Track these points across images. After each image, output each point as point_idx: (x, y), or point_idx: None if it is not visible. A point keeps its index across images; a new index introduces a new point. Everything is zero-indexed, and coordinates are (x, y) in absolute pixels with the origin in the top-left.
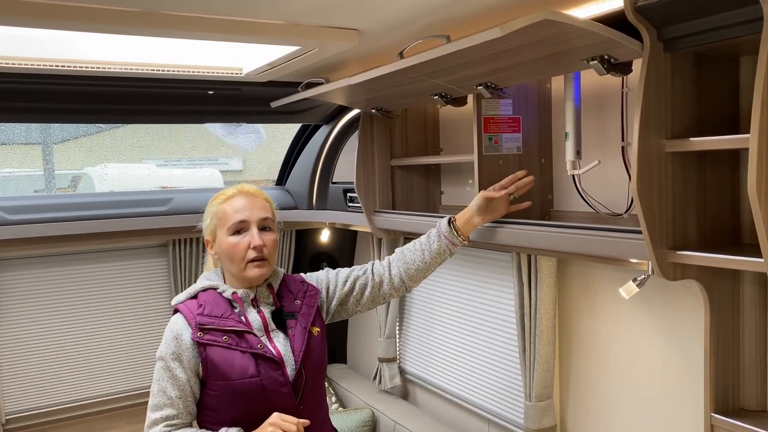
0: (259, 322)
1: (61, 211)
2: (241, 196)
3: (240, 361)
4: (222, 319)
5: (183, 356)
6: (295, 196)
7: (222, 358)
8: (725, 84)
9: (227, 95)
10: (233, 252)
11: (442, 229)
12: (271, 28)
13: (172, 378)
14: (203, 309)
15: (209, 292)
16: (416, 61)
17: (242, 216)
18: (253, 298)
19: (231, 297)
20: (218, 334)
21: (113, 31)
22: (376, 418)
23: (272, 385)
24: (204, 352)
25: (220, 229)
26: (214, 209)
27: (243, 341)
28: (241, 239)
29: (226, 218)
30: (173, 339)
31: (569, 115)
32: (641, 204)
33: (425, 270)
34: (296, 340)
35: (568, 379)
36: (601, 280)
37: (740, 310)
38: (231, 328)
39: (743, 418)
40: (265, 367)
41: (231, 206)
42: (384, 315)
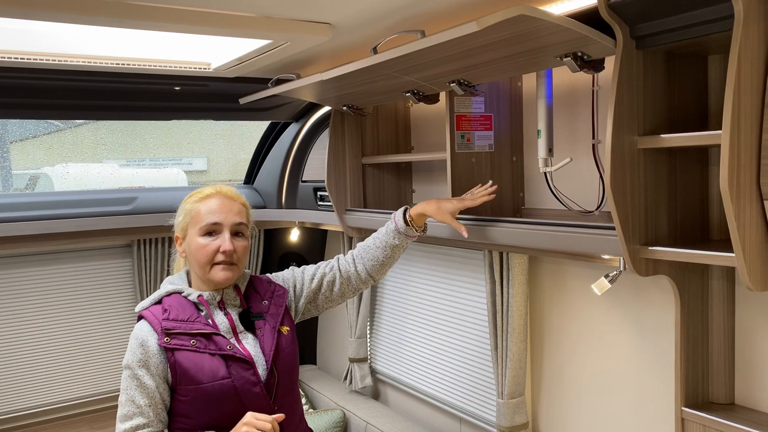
0: (227, 325)
1: (19, 210)
2: (218, 198)
3: (210, 363)
4: (188, 323)
5: (150, 363)
6: (263, 195)
7: (191, 362)
8: (694, 82)
9: (194, 91)
10: (201, 253)
11: (398, 226)
12: (241, 21)
13: (140, 386)
14: (168, 313)
15: (174, 296)
16: (390, 56)
17: (216, 218)
18: (219, 300)
19: (197, 300)
20: (185, 338)
21: (73, 20)
22: (347, 419)
23: (244, 386)
24: (172, 357)
25: (191, 228)
26: (188, 207)
27: (211, 343)
28: (211, 241)
29: (199, 218)
30: (139, 346)
31: (541, 112)
32: (614, 200)
33: (389, 263)
34: (266, 340)
35: (540, 375)
36: (572, 277)
37: (709, 306)
38: (198, 330)
39: (712, 412)
40: (236, 368)
41: (206, 206)
42: (355, 315)
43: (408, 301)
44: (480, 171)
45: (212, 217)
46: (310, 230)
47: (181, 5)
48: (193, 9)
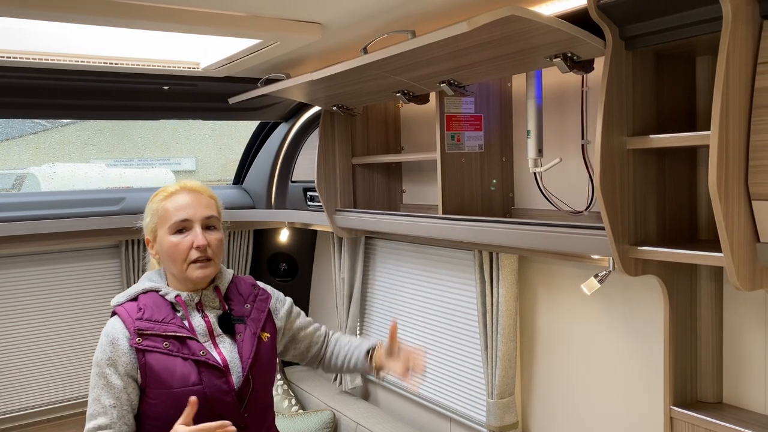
0: (204, 327)
1: (5, 211)
2: (185, 193)
3: (181, 368)
4: (163, 324)
5: (119, 362)
6: (252, 195)
7: (162, 365)
8: (683, 83)
9: (183, 91)
10: (174, 252)
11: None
12: (230, 20)
13: (107, 385)
14: (143, 313)
15: (150, 294)
16: (381, 57)
17: (185, 214)
18: (197, 302)
19: (174, 300)
20: (158, 340)
21: (61, 19)
22: (337, 420)
23: (215, 394)
24: (143, 358)
25: (161, 228)
26: (154, 206)
27: (185, 347)
28: (182, 239)
29: (167, 216)
30: (109, 344)
31: (531, 113)
32: (604, 200)
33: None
34: (245, 346)
35: (530, 375)
36: (561, 277)
37: (697, 305)
38: (172, 333)
39: (701, 410)
40: (208, 375)
41: (173, 204)
42: (345, 314)
43: (398, 301)
44: (470, 171)
45: (180, 213)
46: (299, 231)
47: (170, 4)
48: (182, 8)
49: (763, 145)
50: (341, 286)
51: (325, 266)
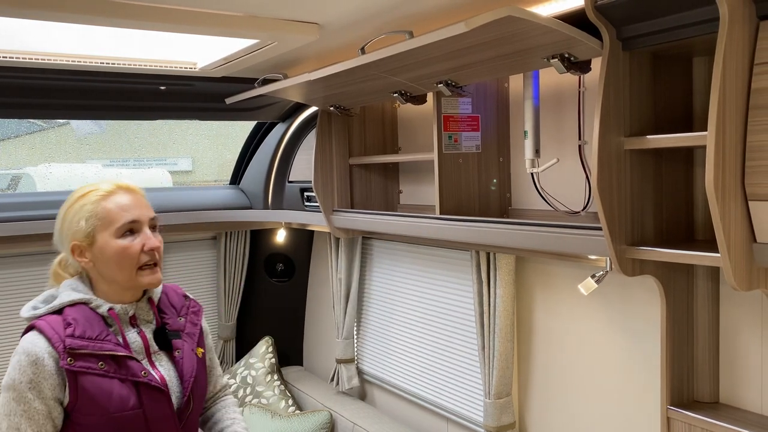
0: (140, 344)
1: (1, 211)
2: (123, 192)
3: (119, 390)
4: (98, 342)
5: (44, 385)
6: (249, 195)
7: (98, 388)
8: (679, 84)
9: (179, 91)
10: (123, 257)
11: None
12: (228, 20)
13: (27, 412)
14: (74, 329)
15: (79, 307)
16: (378, 57)
17: (133, 215)
18: (131, 316)
19: (106, 313)
20: (93, 360)
21: (57, 18)
22: (334, 420)
23: (156, 416)
24: (75, 381)
25: (102, 231)
26: (90, 207)
27: (122, 368)
28: (132, 242)
29: (111, 218)
30: (31, 365)
31: (528, 113)
32: (601, 200)
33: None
34: (185, 364)
35: (527, 375)
36: (558, 277)
37: (694, 305)
38: (109, 352)
39: (697, 410)
40: (149, 397)
41: (115, 204)
42: (342, 315)
43: (395, 301)
44: (467, 172)
45: (128, 214)
46: (296, 231)
47: (167, 4)
48: (179, 8)
49: (760, 146)
50: (338, 286)
51: (322, 267)
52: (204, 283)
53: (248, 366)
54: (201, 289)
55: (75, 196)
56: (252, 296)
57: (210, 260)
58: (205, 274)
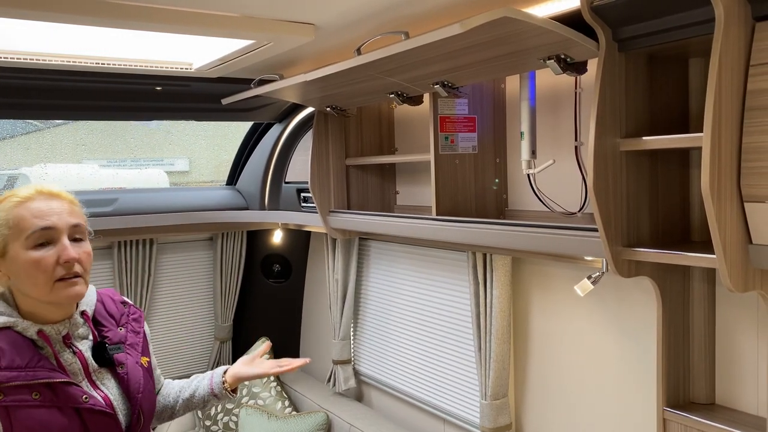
0: (78, 366)
1: None
2: (42, 198)
3: (60, 420)
4: (29, 370)
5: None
6: (246, 196)
7: (35, 421)
8: (675, 85)
9: (176, 91)
10: (35, 270)
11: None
12: (224, 21)
13: None
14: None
15: (4, 332)
16: (374, 58)
17: (47, 222)
18: (65, 335)
19: (35, 336)
20: (25, 391)
21: (53, 19)
22: (331, 421)
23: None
24: (7, 417)
25: (14, 241)
26: (3, 216)
27: (60, 395)
28: (45, 253)
29: (23, 226)
30: None
31: (525, 114)
32: (597, 202)
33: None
34: (131, 379)
35: (524, 376)
36: (555, 278)
37: (690, 306)
38: (44, 380)
39: (693, 412)
40: (94, 423)
41: (29, 211)
42: (338, 316)
43: (392, 302)
44: (464, 173)
45: (41, 221)
46: (293, 232)
47: (162, 5)
48: (174, 8)
49: (756, 147)
50: (335, 287)
51: (319, 268)
52: (200, 284)
53: None
54: (197, 290)
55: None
56: (248, 297)
57: (206, 261)
58: (202, 275)
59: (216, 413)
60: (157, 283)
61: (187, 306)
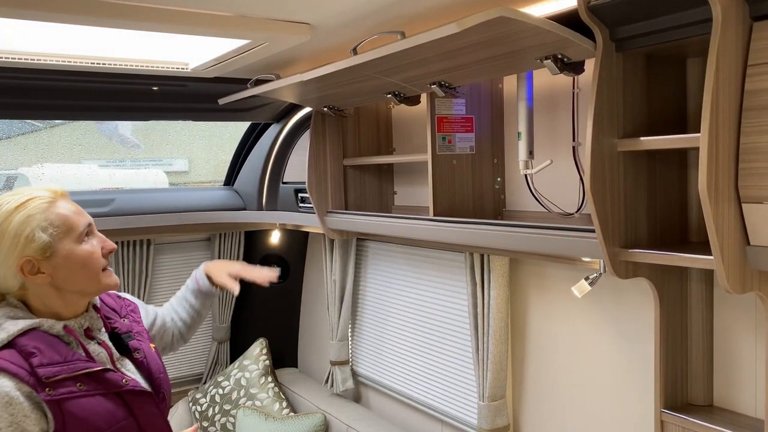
0: (105, 355)
1: None
2: (63, 198)
3: (107, 406)
4: (69, 364)
5: (26, 424)
6: (244, 196)
7: (86, 410)
8: (673, 85)
9: (172, 91)
10: (90, 262)
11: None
12: (219, 21)
13: None
14: (40, 358)
15: (33, 333)
16: (370, 57)
17: (87, 219)
18: (86, 328)
19: (63, 332)
20: (70, 383)
21: (48, 18)
22: (328, 422)
23: (149, 421)
24: (59, 410)
25: (63, 240)
26: (42, 217)
27: (101, 382)
28: (94, 246)
29: (70, 224)
30: (4, 407)
31: (522, 114)
32: (594, 203)
33: (199, 321)
34: (150, 362)
35: (521, 378)
36: (552, 279)
37: (688, 308)
38: (84, 371)
39: (691, 413)
40: (137, 404)
41: (66, 210)
42: (336, 317)
43: (390, 303)
44: (461, 173)
45: (83, 218)
46: (291, 232)
47: (157, 4)
48: (169, 8)
49: (753, 148)
50: (332, 288)
51: (317, 268)
52: None
53: (242, 368)
54: None
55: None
56: (246, 298)
57: (204, 261)
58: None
59: (213, 414)
60: (155, 284)
61: None
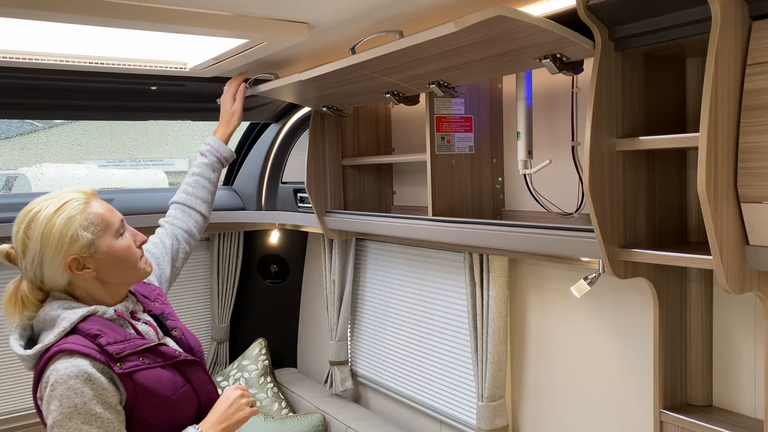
0: (152, 332)
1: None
2: (95, 198)
3: (168, 375)
4: (129, 341)
5: (105, 396)
6: (243, 196)
7: (152, 380)
8: (672, 85)
9: (171, 91)
10: (129, 254)
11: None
12: (217, 20)
13: (102, 426)
14: (106, 338)
15: (91, 319)
16: (368, 57)
17: (119, 215)
18: (131, 311)
19: (114, 316)
20: (135, 358)
21: (44, 18)
22: (327, 423)
23: (202, 387)
24: (130, 381)
25: (103, 236)
26: (82, 217)
27: (159, 356)
28: (129, 239)
29: (107, 222)
30: (85, 383)
31: (521, 114)
32: (593, 202)
33: (213, 197)
34: (189, 338)
35: (521, 378)
36: (552, 279)
37: (687, 308)
38: (142, 347)
39: (690, 414)
40: (191, 372)
41: (101, 209)
42: (335, 317)
43: (389, 303)
44: (460, 173)
45: (115, 215)
46: (290, 232)
47: (155, 3)
48: (167, 7)
49: (753, 147)
50: (332, 288)
51: (317, 268)
52: (197, 284)
53: (241, 368)
54: (194, 291)
55: (47, 212)
56: (246, 298)
57: (203, 261)
58: (199, 275)
59: None
60: None
61: (184, 306)
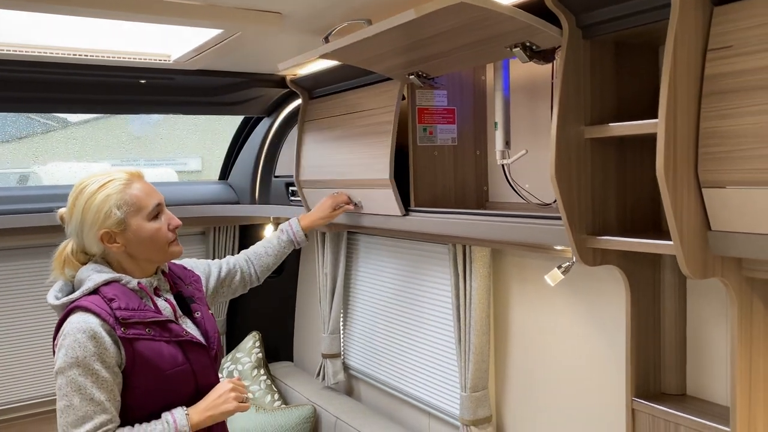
0: (170, 310)
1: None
2: (138, 180)
3: (168, 350)
4: (140, 311)
5: (106, 356)
6: (237, 190)
7: (152, 351)
8: (645, 73)
9: (160, 84)
10: (158, 236)
11: (297, 239)
12: (188, 9)
13: (97, 381)
14: (119, 303)
15: (113, 285)
16: (337, 46)
17: (157, 199)
18: (155, 287)
19: (137, 287)
20: (141, 327)
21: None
22: (318, 414)
23: (202, 370)
24: (131, 348)
25: (134, 216)
26: (118, 197)
27: (166, 331)
28: (161, 223)
29: (141, 204)
30: (90, 339)
31: (498, 105)
32: (559, 189)
33: (272, 269)
34: (207, 323)
35: (504, 369)
36: (532, 270)
37: (661, 297)
38: (152, 319)
39: (663, 402)
40: (194, 354)
41: (139, 191)
42: (327, 310)
43: (379, 296)
44: (443, 164)
45: (153, 199)
46: None
47: None
48: None
49: (713, 132)
50: (324, 281)
51: (311, 262)
52: None
53: (235, 360)
54: None
55: (92, 187)
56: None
57: (199, 255)
58: None
59: None
60: None
61: None
